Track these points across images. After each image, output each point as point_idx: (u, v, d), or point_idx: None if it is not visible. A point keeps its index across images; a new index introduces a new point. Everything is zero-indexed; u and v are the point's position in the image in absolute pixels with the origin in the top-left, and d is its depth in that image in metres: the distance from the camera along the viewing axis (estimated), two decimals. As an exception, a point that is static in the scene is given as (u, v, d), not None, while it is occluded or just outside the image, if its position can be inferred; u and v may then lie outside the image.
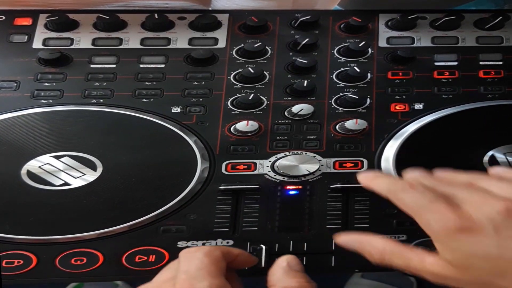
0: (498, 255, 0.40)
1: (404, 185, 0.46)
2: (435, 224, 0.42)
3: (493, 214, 0.40)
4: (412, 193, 0.45)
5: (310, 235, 0.53)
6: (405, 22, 0.71)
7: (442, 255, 0.42)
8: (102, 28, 0.70)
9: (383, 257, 0.46)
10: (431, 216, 0.43)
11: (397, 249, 0.46)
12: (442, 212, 0.42)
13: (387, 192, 0.47)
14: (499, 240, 0.40)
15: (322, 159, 0.59)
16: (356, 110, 0.63)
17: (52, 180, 0.56)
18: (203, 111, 0.63)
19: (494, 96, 0.65)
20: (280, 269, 0.47)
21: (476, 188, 0.44)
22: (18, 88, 0.64)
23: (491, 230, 0.40)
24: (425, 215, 0.43)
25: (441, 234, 0.42)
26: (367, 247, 0.47)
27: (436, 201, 0.43)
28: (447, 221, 0.41)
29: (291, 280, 0.46)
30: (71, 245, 0.52)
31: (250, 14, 0.70)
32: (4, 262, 0.51)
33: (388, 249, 0.46)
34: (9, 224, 0.53)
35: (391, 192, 0.46)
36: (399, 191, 0.45)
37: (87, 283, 0.87)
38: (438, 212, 0.42)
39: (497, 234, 0.40)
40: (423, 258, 0.44)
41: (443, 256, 0.42)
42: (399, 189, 0.46)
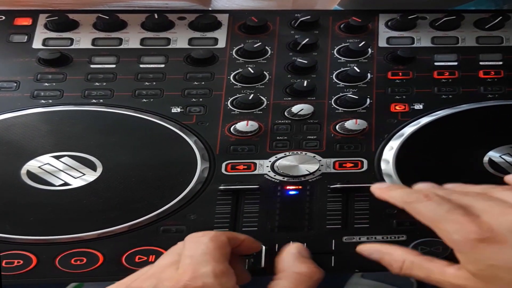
0: None
1: (420, 196, 0.45)
2: (455, 235, 0.42)
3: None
4: (429, 203, 0.44)
5: (310, 235, 0.53)
6: (405, 22, 0.71)
7: (465, 266, 0.42)
8: (102, 28, 0.70)
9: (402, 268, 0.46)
10: (451, 226, 0.42)
11: (417, 260, 0.46)
12: (461, 223, 0.42)
13: (403, 203, 0.47)
14: None
15: (322, 159, 0.59)
16: (356, 110, 0.63)
17: (52, 180, 0.56)
18: (203, 111, 0.63)
19: (494, 96, 0.65)
20: (290, 255, 0.48)
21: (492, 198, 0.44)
22: (18, 88, 0.64)
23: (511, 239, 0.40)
24: (444, 226, 0.43)
25: (462, 245, 0.42)
26: (387, 258, 0.47)
27: (455, 211, 0.43)
28: (467, 232, 0.41)
29: (301, 266, 0.47)
30: (71, 245, 0.52)
31: (250, 14, 0.70)
32: (4, 262, 0.51)
33: (408, 260, 0.46)
34: (9, 224, 0.53)
35: (407, 203, 0.46)
36: (415, 202, 0.45)
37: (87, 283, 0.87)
38: (458, 223, 0.42)
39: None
40: (444, 269, 0.44)
41: (466, 267, 0.42)
42: (415, 200, 0.45)
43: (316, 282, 0.46)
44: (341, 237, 0.53)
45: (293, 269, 0.47)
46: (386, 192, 0.49)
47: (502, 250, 0.40)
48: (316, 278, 0.46)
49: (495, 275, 0.40)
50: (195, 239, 0.46)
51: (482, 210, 0.43)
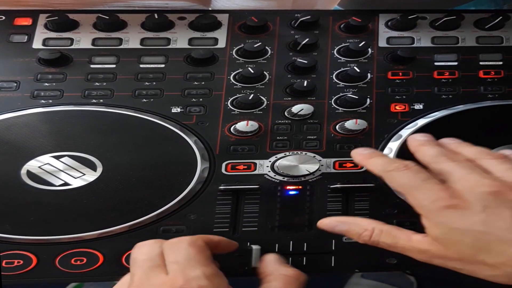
0: (483, 230, 0.41)
1: (399, 165, 0.47)
2: (426, 201, 0.44)
3: (484, 194, 0.42)
4: (407, 173, 0.46)
5: (310, 235, 0.53)
6: (405, 22, 0.71)
7: (429, 231, 0.44)
8: (102, 28, 0.70)
9: (371, 236, 0.47)
10: (422, 193, 0.44)
11: (385, 228, 0.47)
12: (434, 191, 0.44)
13: (381, 171, 0.48)
14: (485, 216, 0.41)
15: (322, 159, 0.59)
16: (356, 110, 0.63)
17: (52, 180, 0.56)
18: (203, 111, 0.63)
19: (494, 96, 0.65)
20: (273, 261, 0.49)
21: (476, 166, 0.45)
22: (18, 88, 0.64)
23: (479, 207, 0.41)
24: (417, 193, 0.45)
25: (430, 210, 0.43)
26: (354, 227, 0.48)
27: (429, 181, 0.45)
28: (437, 199, 0.43)
29: (287, 268, 0.48)
30: (71, 245, 0.52)
31: (250, 14, 0.70)
32: (4, 262, 0.51)
33: (377, 228, 0.47)
34: (9, 224, 0.53)
35: (385, 171, 0.48)
36: (394, 171, 0.47)
37: (87, 283, 0.87)
38: (430, 191, 0.44)
39: (484, 211, 0.41)
40: (410, 236, 0.45)
41: (430, 232, 0.44)
42: (394, 169, 0.47)
43: (302, 284, 0.47)
44: (341, 237, 0.53)
45: (280, 272, 0.48)
46: (366, 159, 0.50)
47: (465, 214, 0.42)
48: (302, 280, 0.47)
49: (456, 239, 0.42)
50: (174, 246, 0.46)
51: (459, 179, 0.44)
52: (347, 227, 0.49)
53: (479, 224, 0.41)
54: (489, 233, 0.41)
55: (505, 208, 0.41)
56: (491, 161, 0.46)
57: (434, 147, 0.49)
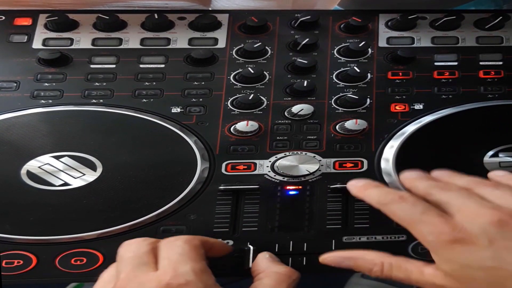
0: (494, 266, 0.40)
1: (394, 197, 0.46)
2: (429, 236, 0.42)
3: (486, 225, 0.41)
4: (403, 205, 0.45)
5: (310, 235, 0.53)
6: (405, 22, 0.71)
7: (440, 266, 0.43)
8: (102, 28, 0.70)
9: (382, 271, 0.46)
10: (425, 228, 0.43)
11: (395, 262, 0.46)
12: (434, 224, 0.43)
13: (377, 204, 0.47)
14: (493, 251, 0.40)
15: (322, 159, 0.59)
16: (356, 110, 0.63)
17: (52, 180, 0.56)
18: (203, 111, 0.63)
19: (494, 96, 0.65)
20: (265, 259, 0.50)
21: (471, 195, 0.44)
22: (18, 88, 0.64)
23: (485, 241, 0.40)
24: (419, 227, 0.43)
25: (436, 245, 0.42)
26: (362, 263, 0.48)
27: (429, 212, 0.43)
28: (440, 233, 0.42)
29: (279, 266, 0.48)
30: (71, 245, 0.52)
31: (250, 14, 0.70)
32: (4, 262, 0.51)
33: (386, 262, 0.47)
34: (9, 224, 0.53)
35: (382, 204, 0.47)
36: (390, 204, 0.46)
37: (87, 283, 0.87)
38: (431, 224, 0.43)
39: (491, 245, 0.40)
40: (422, 269, 0.45)
41: (441, 267, 0.43)
42: (390, 201, 0.46)
43: (294, 281, 0.47)
44: (341, 237, 0.53)
45: (272, 270, 0.48)
46: (362, 191, 0.50)
47: (474, 250, 0.41)
48: (295, 277, 0.47)
49: (468, 275, 0.41)
50: (169, 243, 0.47)
51: (458, 209, 0.43)
52: (354, 263, 0.48)
53: (490, 260, 0.40)
54: (502, 269, 0.40)
55: (511, 240, 0.40)
56: (485, 189, 0.45)
57: (426, 181, 0.48)
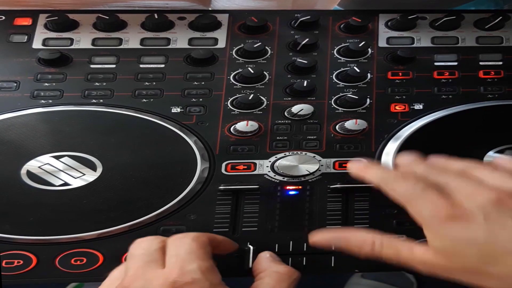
0: (487, 242, 0.40)
1: (397, 175, 0.47)
2: (426, 212, 0.43)
3: (484, 203, 0.41)
4: (405, 182, 0.46)
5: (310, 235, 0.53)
6: (405, 22, 0.71)
7: (431, 242, 0.43)
8: (102, 28, 0.70)
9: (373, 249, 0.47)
10: (422, 204, 0.44)
11: (385, 240, 0.47)
12: (433, 201, 0.43)
13: (379, 181, 0.48)
14: (488, 227, 0.41)
15: (322, 159, 0.59)
16: (356, 110, 0.63)
17: (52, 180, 0.56)
18: (203, 111, 0.63)
19: (494, 96, 0.65)
20: (266, 259, 0.50)
21: (469, 177, 0.45)
22: (18, 88, 0.64)
23: (481, 218, 0.41)
24: (417, 204, 0.44)
25: (431, 221, 0.43)
26: (354, 242, 0.48)
27: (428, 190, 0.44)
28: (438, 209, 0.43)
29: (279, 266, 0.49)
30: (71, 245, 0.52)
31: (250, 14, 0.70)
32: (4, 262, 0.51)
33: (378, 241, 0.47)
34: (9, 224, 0.53)
35: (383, 181, 0.47)
36: (392, 181, 0.47)
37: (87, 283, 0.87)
38: (430, 201, 0.43)
39: (486, 222, 0.41)
40: (412, 248, 0.45)
41: (432, 244, 0.43)
42: (392, 179, 0.47)
43: (295, 280, 0.47)
44: (341, 237, 0.53)
45: (273, 269, 0.48)
46: (363, 171, 0.50)
47: (469, 226, 0.41)
48: (295, 277, 0.48)
49: (460, 251, 0.41)
50: (178, 240, 0.47)
51: (456, 189, 0.44)
52: (344, 242, 0.48)
53: (483, 236, 0.41)
54: (494, 244, 0.40)
55: (507, 217, 0.41)
56: (483, 171, 0.45)
57: (423, 164, 0.49)
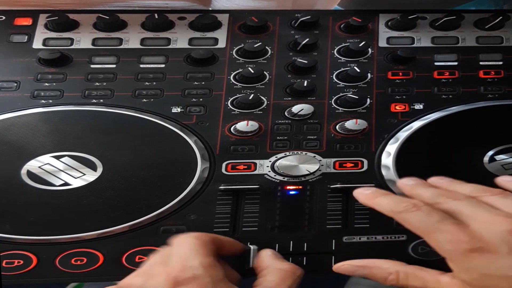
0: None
1: (408, 205, 0.46)
2: (447, 245, 0.42)
3: (504, 233, 0.41)
4: (418, 213, 0.45)
5: (310, 235, 0.53)
6: (405, 22, 0.70)
7: (458, 275, 0.43)
8: (102, 28, 0.70)
9: (398, 280, 0.47)
10: (442, 237, 0.43)
11: (410, 271, 0.46)
12: (452, 233, 0.42)
13: (390, 212, 0.47)
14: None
15: (322, 159, 0.59)
16: (356, 110, 0.63)
17: (52, 180, 0.56)
18: (203, 111, 0.63)
19: (494, 96, 0.65)
20: (269, 256, 0.50)
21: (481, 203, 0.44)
22: (18, 88, 0.64)
23: (505, 250, 0.40)
24: (436, 236, 0.43)
25: (454, 255, 0.42)
26: (377, 272, 0.48)
27: (445, 221, 0.43)
28: (459, 242, 0.42)
29: (283, 263, 0.49)
30: (71, 245, 0.52)
31: (250, 14, 0.70)
32: (4, 262, 0.51)
33: (402, 271, 0.47)
34: (9, 224, 0.53)
35: (395, 212, 0.46)
36: (404, 212, 0.45)
37: (87, 283, 0.87)
38: (448, 233, 0.42)
39: (510, 254, 0.40)
40: (438, 278, 0.45)
41: (459, 276, 0.42)
42: (403, 210, 0.46)
43: (298, 277, 0.47)
44: (341, 237, 0.53)
45: (276, 266, 0.48)
46: (372, 200, 0.49)
47: (494, 259, 0.41)
48: (299, 274, 0.48)
49: (488, 284, 0.41)
50: (181, 240, 0.47)
51: (472, 217, 0.43)
52: (368, 272, 0.48)
53: (510, 270, 0.40)
54: None
55: None
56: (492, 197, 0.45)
57: (428, 189, 0.48)
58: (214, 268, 0.44)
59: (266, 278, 0.47)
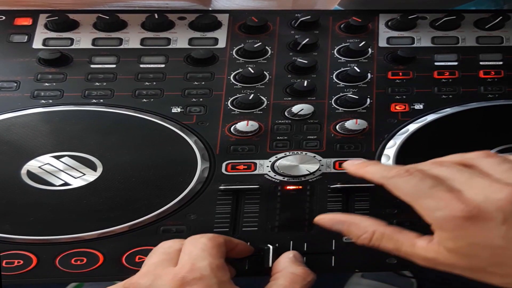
0: (501, 246, 0.39)
1: (400, 171, 0.44)
2: (439, 212, 0.40)
3: (501, 202, 0.39)
4: (410, 179, 0.43)
5: (310, 235, 0.53)
6: (405, 22, 0.71)
7: (443, 243, 0.41)
8: (102, 28, 0.70)
9: (372, 240, 0.45)
10: (434, 203, 0.41)
11: (388, 231, 0.45)
12: (446, 200, 0.40)
13: (381, 178, 0.45)
14: (506, 230, 0.38)
15: (322, 159, 0.59)
16: (356, 110, 0.63)
17: (52, 180, 0.56)
18: (203, 111, 0.63)
19: (494, 96, 0.65)
20: (287, 259, 0.50)
21: (475, 171, 0.43)
22: (18, 88, 0.64)
23: (499, 220, 0.39)
24: (426, 202, 0.41)
25: (445, 222, 0.40)
26: (353, 229, 0.46)
27: (437, 187, 0.41)
28: (453, 209, 0.40)
29: (296, 267, 0.48)
30: (71, 245, 0.52)
31: (250, 14, 0.70)
32: (4, 262, 0.51)
33: (379, 231, 0.45)
34: (9, 224, 0.53)
35: (386, 178, 0.44)
36: (395, 177, 0.44)
37: (87, 283, 0.87)
38: (442, 200, 0.41)
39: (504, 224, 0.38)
40: (414, 241, 0.43)
41: (444, 244, 0.41)
42: (395, 175, 0.44)
43: (309, 283, 0.47)
44: (341, 237, 0.53)
45: (289, 270, 0.48)
46: (362, 168, 0.48)
47: (486, 228, 0.39)
48: (310, 279, 0.47)
49: (473, 253, 0.40)
50: (194, 240, 0.48)
51: (467, 184, 0.41)
52: (346, 227, 0.47)
53: (499, 239, 0.39)
54: (508, 249, 0.39)
55: None
56: (488, 164, 0.43)
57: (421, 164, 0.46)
58: (221, 271, 0.45)
59: (276, 282, 0.47)
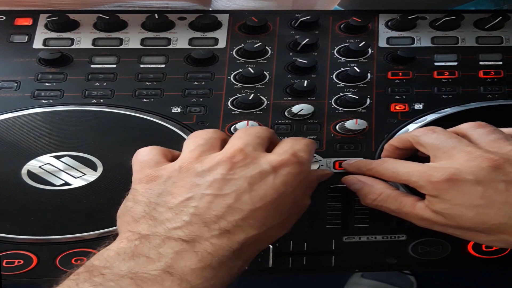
0: (482, 205, 0.43)
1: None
2: (421, 179, 0.46)
3: (474, 167, 0.44)
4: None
5: (310, 235, 0.54)
6: (405, 22, 0.71)
7: (431, 205, 0.46)
8: (102, 28, 0.70)
9: (376, 200, 0.50)
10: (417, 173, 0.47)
11: (393, 194, 0.49)
12: (426, 167, 0.47)
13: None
14: (484, 191, 0.44)
15: (322, 159, 0.59)
16: (356, 110, 0.63)
17: (53, 180, 0.56)
18: (203, 111, 0.63)
19: (494, 96, 0.65)
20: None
21: (463, 139, 0.48)
22: (18, 88, 0.64)
23: (472, 181, 0.44)
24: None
25: (428, 186, 0.46)
26: (366, 189, 0.51)
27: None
28: (431, 175, 0.46)
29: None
30: (71, 245, 0.52)
31: (250, 14, 0.70)
32: (4, 262, 0.51)
33: (385, 193, 0.50)
34: (9, 224, 0.53)
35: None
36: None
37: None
38: (424, 166, 0.47)
39: (479, 185, 0.44)
40: (415, 203, 0.48)
41: (431, 206, 0.46)
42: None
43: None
44: (341, 237, 0.53)
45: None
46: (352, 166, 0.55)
47: (463, 190, 0.44)
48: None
49: (459, 213, 0.45)
50: (245, 128, 0.51)
51: (448, 152, 0.47)
52: (360, 187, 0.51)
53: (479, 199, 0.44)
54: (489, 207, 0.43)
55: (500, 182, 0.44)
56: (481, 134, 0.49)
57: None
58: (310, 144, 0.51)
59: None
